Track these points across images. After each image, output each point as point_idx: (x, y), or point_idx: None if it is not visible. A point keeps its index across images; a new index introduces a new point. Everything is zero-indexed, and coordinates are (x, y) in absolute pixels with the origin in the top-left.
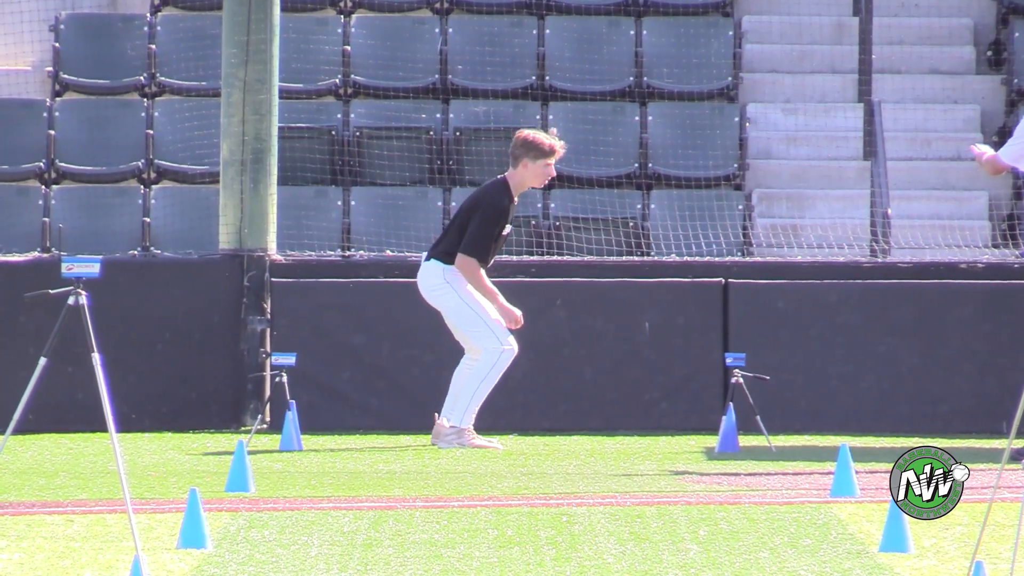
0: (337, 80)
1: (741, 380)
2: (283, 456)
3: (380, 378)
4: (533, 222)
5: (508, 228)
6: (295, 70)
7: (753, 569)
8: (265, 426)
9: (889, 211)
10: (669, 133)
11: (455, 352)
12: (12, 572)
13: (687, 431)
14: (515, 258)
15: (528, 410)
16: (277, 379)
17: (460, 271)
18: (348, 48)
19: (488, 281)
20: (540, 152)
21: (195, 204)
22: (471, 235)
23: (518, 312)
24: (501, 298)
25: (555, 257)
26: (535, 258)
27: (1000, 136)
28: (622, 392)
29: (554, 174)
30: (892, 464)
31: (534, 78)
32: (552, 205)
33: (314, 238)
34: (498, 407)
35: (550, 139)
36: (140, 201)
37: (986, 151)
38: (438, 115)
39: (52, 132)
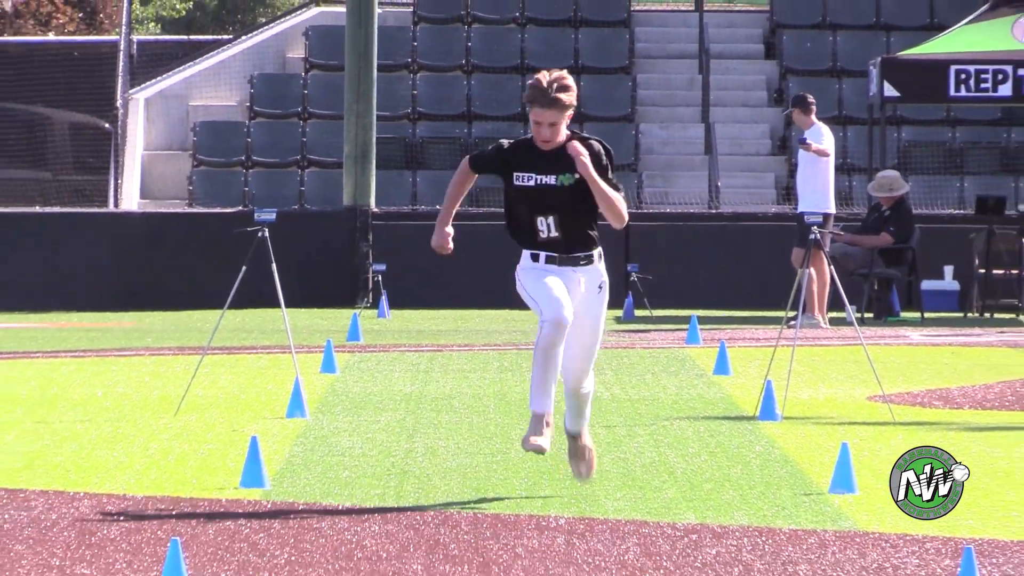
0: (409, 110)
1: (636, 279)
2: (378, 321)
3: (433, 278)
4: None
5: (531, 179)
6: (385, 104)
7: (641, 384)
8: (368, 305)
9: (719, 183)
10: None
11: (482, 265)
12: (226, 388)
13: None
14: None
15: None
16: (376, 279)
17: None
18: (416, 92)
19: (458, 193)
20: (525, 97)
21: (330, 180)
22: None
23: (440, 239)
24: (446, 215)
25: None
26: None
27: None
28: None
29: (546, 136)
30: (728, 327)
31: (519, 109)
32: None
33: (397, 199)
34: (494, 286)
35: (538, 85)
36: (297, 179)
37: (814, 145)
38: (466, 130)
39: (248, 140)
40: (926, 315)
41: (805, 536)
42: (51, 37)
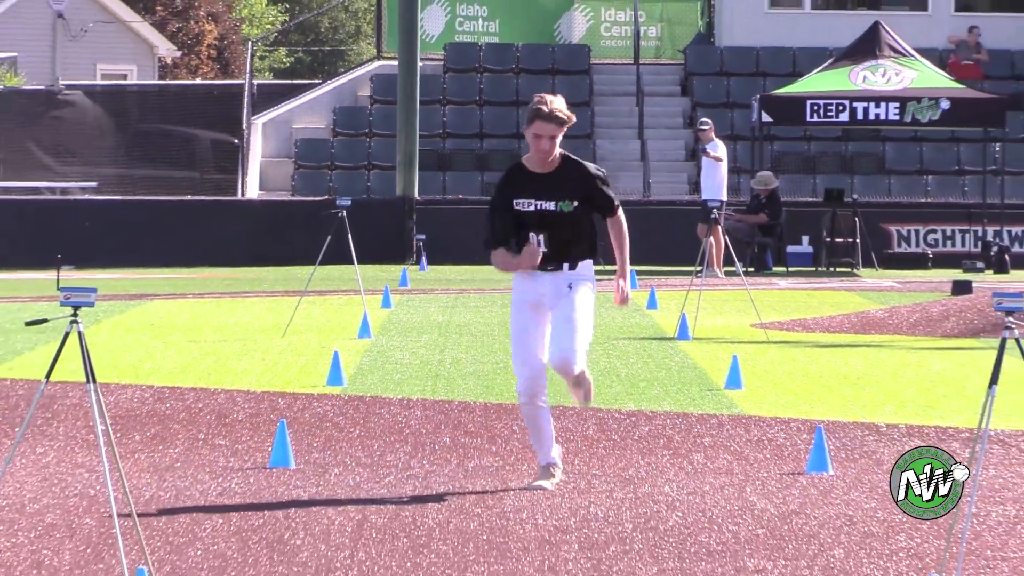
0: (440, 131)
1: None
2: (420, 273)
3: (457, 244)
4: None
5: (531, 205)
6: (424, 127)
7: (596, 316)
8: (413, 262)
9: (650, 180)
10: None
11: None
12: (316, 318)
13: None
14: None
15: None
16: (418, 244)
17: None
18: (445, 119)
19: (509, 253)
20: (528, 116)
21: (387, 178)
22: None
23: (529, 257)
24: (514, 260)
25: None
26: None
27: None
28: None
29: (546, 148)
30: (657, 277)
31: (515, 131)
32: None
33: (432, 191)
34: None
35: (541, 104)
36: (365, 177)
37: (712, 153)
38: (479, 145)
39: (332, 151)
40: (790, 269)
41: (708, 418)
42: (198, 81)
